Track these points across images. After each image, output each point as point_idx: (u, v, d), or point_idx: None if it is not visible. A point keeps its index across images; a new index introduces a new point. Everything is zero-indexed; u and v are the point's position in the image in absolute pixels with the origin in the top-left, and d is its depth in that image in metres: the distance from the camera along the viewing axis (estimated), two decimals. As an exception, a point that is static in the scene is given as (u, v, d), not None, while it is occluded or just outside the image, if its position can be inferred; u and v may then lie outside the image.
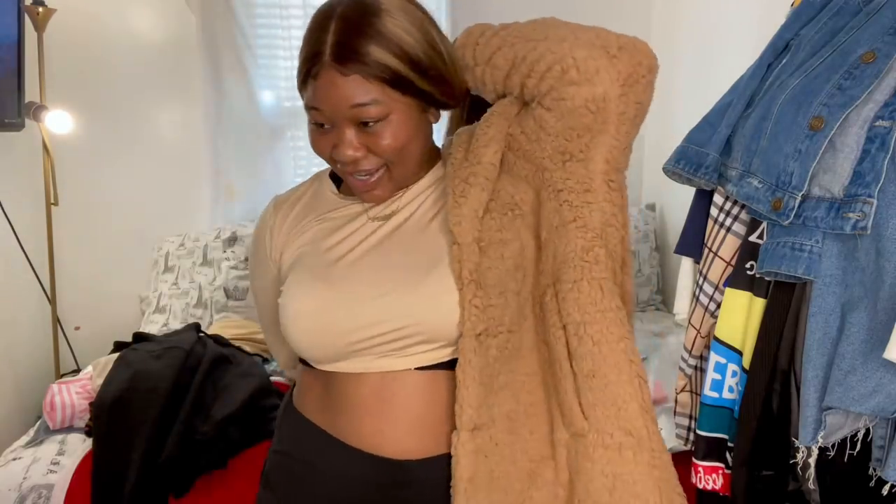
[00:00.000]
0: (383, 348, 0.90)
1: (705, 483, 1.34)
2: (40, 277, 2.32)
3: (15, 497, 1.54)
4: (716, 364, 1.29)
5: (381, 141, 0.86)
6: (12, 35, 2.06)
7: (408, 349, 0.90)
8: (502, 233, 0.90)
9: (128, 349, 1.91)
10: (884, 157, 0.99)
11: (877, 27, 1.08)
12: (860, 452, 1.10)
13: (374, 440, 0.91)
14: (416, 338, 0.90)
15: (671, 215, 2.75)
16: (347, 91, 0.83)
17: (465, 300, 0.87)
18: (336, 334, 0.90)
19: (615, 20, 3.07)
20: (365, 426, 0.91)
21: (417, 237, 0.93)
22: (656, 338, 2.37)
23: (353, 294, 0.91)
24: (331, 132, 0.87)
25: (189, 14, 2.46)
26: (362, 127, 0.85)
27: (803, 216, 1.07)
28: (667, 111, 2.73)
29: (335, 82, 0.82)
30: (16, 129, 2.13)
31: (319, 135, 0.88)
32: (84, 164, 2.46)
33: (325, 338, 0.91)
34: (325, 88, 0.83)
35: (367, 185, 0.90)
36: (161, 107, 2.57)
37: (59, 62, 2.33)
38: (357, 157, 0.87)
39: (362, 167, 0.88)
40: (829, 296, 1.07)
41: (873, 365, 1.01)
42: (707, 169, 1.26)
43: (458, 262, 0.88)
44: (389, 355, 0.91)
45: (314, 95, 0.85)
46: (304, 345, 0.93)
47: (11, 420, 2.12)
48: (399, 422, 0.91)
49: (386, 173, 0.90)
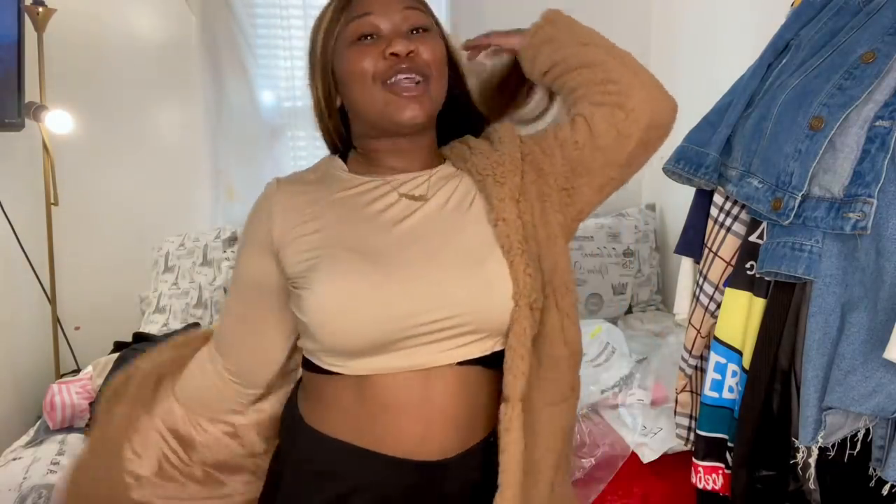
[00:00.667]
0: (433, 336, 0.88)
1: (705, 483, 1.34)
2: (40, 277, 2.32)
3: (15, 497, 1.53)
4: (716, 364, 1.29)
5: (425, 47, 0.90)
6: (12, 35, 2.05)
7: (454, 339, 0.89)
8: (534, 217, 0.94)
9: (128, 349, 1.91)
10: (884, 157, 0.99)
11: (877, 27, 1.08)
12: (860, 452, 1.10)
13: (414, 444, 0.90)
14: (465, 327, 0.89)
15: (671, 215, 2.75)
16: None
17: (518, 271, 0.89)
18: (389, 319, 0.86)
19: (616, 20, 3.07)
20: (404, 430, 0.89)
21: (461, 223, 0.94)
22: (656, 338, 2.36)
23: (409, 276, 0.88)
24: (377, 42, 0.90)
25: (189, 14, 2.45)
26: (409, 34, 0.90)
27: (803, 216, 1.07)
28: (667, 111, 2.73)
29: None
30: (16, 129, 2.12)
31: (363, 48, 0.90)
32: (84, 164, 2.45)
33: (377, 323, 0.86)
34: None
35: (412, 95, 0.90)
36: (161, 107, 2.57)
37: (59, 62, 2.33)
38: (411, 49, 0.89)
39: (413, 67, 0.89)
40: (829, 296, 1.07)
41: (873, 365, 1.01)
42: (707, 169, 1.26)
43: (508, 237, 0.90)
44: (435, 344, 0.88)
45: (364, 3, 0.90)
46: (349, 331, 0.86)
47: (11, 420, 2.12)
48: (440, 423, 0.90)
49: (426, 88, 0.91)
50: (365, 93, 0.91)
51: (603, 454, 1.68)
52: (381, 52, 0.89)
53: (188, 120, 2.56)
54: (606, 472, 1.66)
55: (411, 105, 0.90)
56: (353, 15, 0.90)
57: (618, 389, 1.93)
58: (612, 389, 1.93)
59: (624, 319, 2.60)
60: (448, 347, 0.89)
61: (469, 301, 0.89)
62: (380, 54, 0.89)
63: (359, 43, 0.90)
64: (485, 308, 0.90)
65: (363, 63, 0.89)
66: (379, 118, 0.92)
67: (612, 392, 1.92)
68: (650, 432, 1.73)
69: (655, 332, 2.44)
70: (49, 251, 2.33)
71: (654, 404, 1.85)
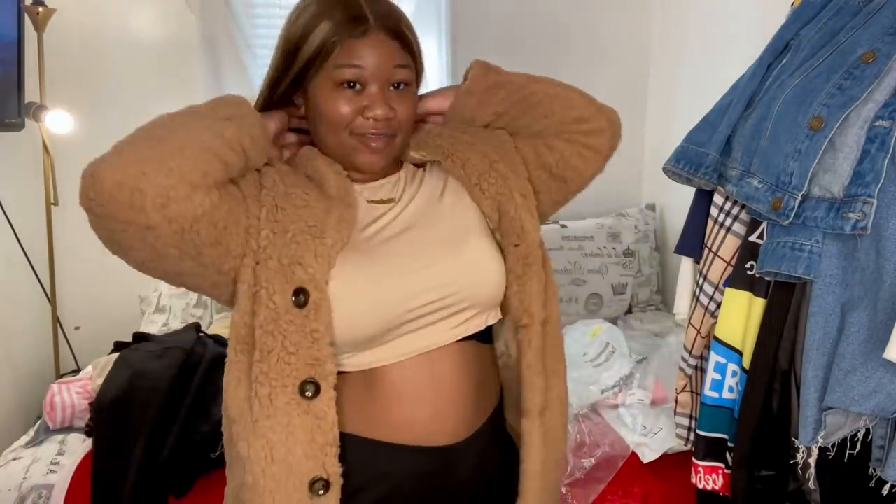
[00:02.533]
0: (431, 318, 0.92)
1: (705, 483, 1.34)
2: (40, 277, 2.32)
3: (15, 497, 1.53)
4: (716, 364, 1.29)
5: (402, 107, 0.93)
6: (12, 35, 2.05)
7: (452, 318, 0.93)
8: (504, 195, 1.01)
9: (128, 349, 1.91)
10: (884, 157, 0.99)
11: (877, 27, 1.07)
12: (860, 452, 1.10)
13: (427, 430, 0.92)
14: (461, 304, 0.93)
15: (671, 215, 2.75)
16: (394, 51, 0.91)
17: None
18: (387, 306, 0.89)
19: (616, 20, 3.06)
20: (417, 416, 0.92)
21: (438, 211, 0.98)
22: (656, 338, 2.36)
23: (399, 267, 0.91)
24: (360, 94, 0.91)
25: (189, 14, 2.45)
26: (390, 91, 0.92)
27: (803, 216, 1.07)
28: (667, 111, 2.73)
29: (384, 41, 0.90)
30: (16, 129, 2.12)
31: (346, 97, 0.90)
32: (84, 164, 2.44)
33: (375, 312, 0.88)
34: (374, 46, 0.89)
35: (378, 148, 0.93)
36: (161, 107, 2.52)
37: (59, 62, 2.33)
38: (389, 116, 0.91)
39: (387, 130, 0.92)
40: (829, 296, 1.07)
41: (873, 365, 1.01)
42: (707, 169, 1.26)
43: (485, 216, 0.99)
44: (435, 326, 0.92)
45: (357, 53, 0.89)
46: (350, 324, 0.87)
47: (11, 420, 2.12)
48: (450, 403, 0.93)
49: (392, 140, 0.94)
50: (334, 135, 0.93)
51: (603, 454, 1.68)
52: (360, 108, 0.91)
53: (188, 120, 2.55)
54: (606, 472, 1.66)
55: (374, 157, 0.93)
56: (342, 61, 0.89)
57: (618, 389, 1.93)
58: (612, 389, 1.93)
59: (624, 319, 2.60)
60: (448, 327, 0.93)
61: (461, 278, 0.93)
62: (359, 110, 0.91)
63: (342, 88, 0.91)
64: (477, 283, 0.94)
65: (341, 110, 0.91)
66: (340, 157, 0.95)
67: (612, 392, 1.92)
68: (650, 432, 1.73)
69: (655, 332, 2.44)
70: (49, 251, 2.33)
71: (654, 404, 1.85)
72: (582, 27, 2.74)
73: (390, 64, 0.91)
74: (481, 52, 2.94)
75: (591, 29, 2.75)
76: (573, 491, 1.62)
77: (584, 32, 2.74)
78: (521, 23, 2.71)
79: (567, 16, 2.72)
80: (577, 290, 2.53)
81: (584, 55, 2.76)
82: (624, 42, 2.79)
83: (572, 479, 1.63)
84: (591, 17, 2.74)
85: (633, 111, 2.86)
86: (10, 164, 2.29)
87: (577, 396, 1.88)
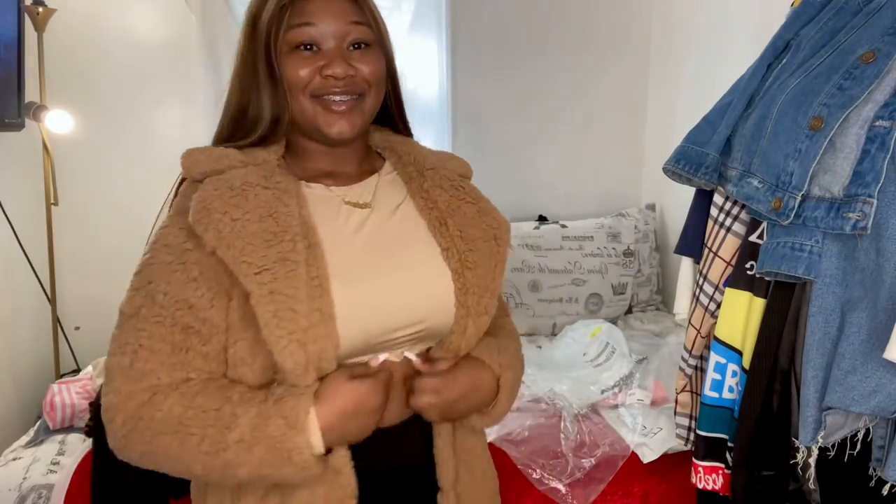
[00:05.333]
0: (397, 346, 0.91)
1: (705, 483, 1.34)
2: (40, 277, 2.32)
3: (15, 497, 1.53)
4: (716, 364, 1.29)
5: (365, 66, 0.89)
6: (12, 35, 2.05)
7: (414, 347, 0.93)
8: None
9: (128, 349, 1.91)
10: (884, 158, 0.99)
11: (877, 27, 1.07)
12: (860, 452, 1.10)
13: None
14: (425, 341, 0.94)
15: (671, 215, 2.75)
16: (347, 7, 0.88)
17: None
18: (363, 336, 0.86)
19: (616, 20, 3.06)
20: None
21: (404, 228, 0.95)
22: (656, 338, 2.37)
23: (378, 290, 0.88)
24: (317, 55, 0.88)
25: (189, 14, 2.45)
26: (349, 51, 0.89)
27: (803, 216, 1.07)
28: (667, 111, 2.73)
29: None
30: (16, 129, 2.12)
31: (302, 59, 0.87)
32: (84, 164, 2.45)
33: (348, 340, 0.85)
34: (325, 2, 0.87)
35: (342, 111, 0.89)
36: (161, 106, 2.57)
37: (59, 62, 2.33)
38: (350, 73, 0.87)
39: (349, 87, 0.88)
40: (829, 296, 1.07)
41: (873, 365, 1.01)
42: (707, 169, 1.26)
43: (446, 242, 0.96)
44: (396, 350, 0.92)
45: (308, 10, 0.86)
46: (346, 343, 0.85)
47: (11, 420, 2.12)
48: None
49: (359, 103, 0.90)
50: (296, 102, 0.89)
51: (603, 454, 1.68)
52: (317, 68, 0.87)
53: (188, 119, 2.55)
54: (606, 472, 1.66)
55: (340, 121, 0.89)
56: (294, 22, 0.87)
57: (618, 389, 1.93)
58: (612, 389, 1.93)
59: (624, 319, 2.60)
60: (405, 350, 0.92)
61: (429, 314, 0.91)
62: (316, 70, 0.87)
63: (297, 52, 0.88)
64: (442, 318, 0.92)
65: (299, 73, 0.87)
66: (308, 128, 0.92)
67: (612, 392, 1.92)
68: (650, 432, 1.73)
69: (655, 332, 2.45)
70: (49, 251, 2.33)
71: (654, 404, 1.85)
72: (582, 27, 2.74)
73: (344, 20, 0.88)
74: (481, 52, 2.95)
75: (591, 29, 2.75)
76: (573, 491, 1.62)
77: (584, 33, 2.74)
78: (521, 23, 2.71)
79: (567, 16, 2.72)
80: (577, 290, 2.53)
81: (584, 55, 2.76)
82: (624, 42, 2.79)
83: (572, 479, 1.63)
84: (591, 17, 2.74)
85: (633, 111, 2.86)
86: (10, 164, 2.28)
87: (577, 396, 1.88)
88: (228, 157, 0.88)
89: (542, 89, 2.77)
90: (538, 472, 1.65)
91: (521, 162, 2.81)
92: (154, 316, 0.82)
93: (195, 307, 0.82)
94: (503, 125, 2.78)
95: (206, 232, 0.81)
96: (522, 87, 2.75)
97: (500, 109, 2.76)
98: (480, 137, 2.76)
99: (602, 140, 2.84)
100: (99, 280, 2.56)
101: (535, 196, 2.83)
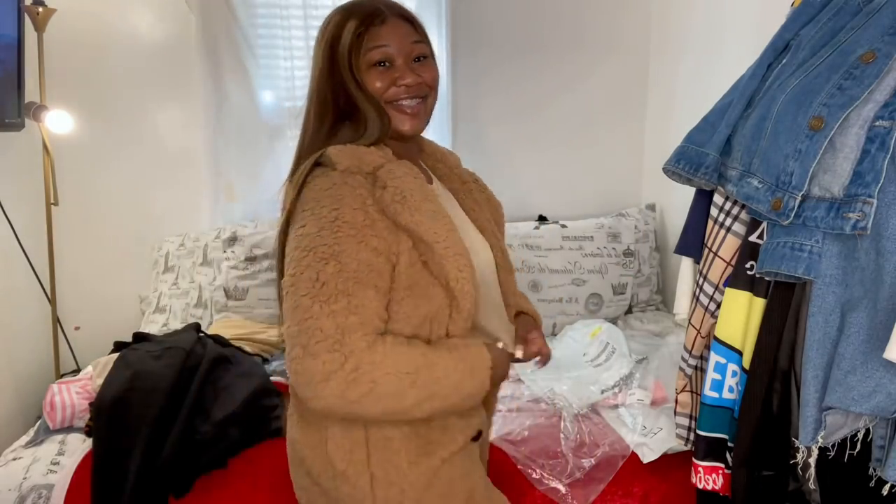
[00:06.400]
0: None
1: (705, 483, 1.34)
2: (40, 277, 2.32)
3: (15, 497, 1.53)
4: (716, 364, 1.29)
5: (427, 73, 1.14)
6: (12, 35, 2.05)
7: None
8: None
9: (128, 349, 1.91)
10: (884, 157, 0.99)
11: (877, 27, 1.07)
12: (860, 452, 1.10)
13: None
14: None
15: (671, 215, 2.75)
16: (409, 31, 1.13)
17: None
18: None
19: (615, 20, 3.05)
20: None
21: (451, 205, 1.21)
22: (656, 338, 2.36)
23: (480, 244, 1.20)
24: (389, 69, 1.11)
25: (189, 14, 2.46)
26: (414, 63, 1.13)
27: (803, 216, 1.07)
28: (667, 111, 2.73)
29: (400, 24, 1.12)
30: (16, 129, 2.12)
31: (379, 74, 1.11)
32: (84, 164, 2.45)
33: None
34: (393, 28, 1.11)
35: (414, 111, 1.12)
36: (161, 107, 2.57)
37: (59, 62, 2.33)
38: (418, 81, 1.12)
39: (418, 92, 1.12)
40: (829, 296, 1.07)
41: (873, 365, 1.01)
42: (707, 169, 1.26)
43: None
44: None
45: (381, 36, 1.10)
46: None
47: (11, 420, 2.12)
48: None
49: (424, 104, 1.14)
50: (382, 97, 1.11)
51: (603, 454, 1.68)
52: (393, 79, 1.10)
53: (188, 120, 2.56)
54: (606, 472, 1.66)
55: (414, 119, 1.13)
56: (371, 45, 1.10)
57: (618, 389, 1.93)
58: (612, 389, 1.93)
59: (624, 319, 2.60)
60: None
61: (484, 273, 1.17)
62: (392, 81, 1.10)
63: (375, 68, 1.11)
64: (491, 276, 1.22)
65: (377, 84, 1.10)
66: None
67: (612, 392, 1.92)
68: (650, 432, 1.73)
69: (655, 332, 2.44)
70: (49, 251, 2.33)
71: (654, 404, 1.85)
72: (582, 27, 2.74)
73: (408, 40, 1.12)
74: (481, 52, 2.95)
75: (591, 29, 2.75)
76: (573, 491, 1.62)
77: (583, 32, 2.75)
78: (521, 23, 2.71)
79: (567, 16, 2.72)
80: (577, 290, 2.54)
81: (584, 55, 2.76)
82: (624, 42, 2.79)
83: (572, 480, 1.63)
84: (591, 16, 2.74)
85: (633, 111, 2.86)
86: (10, 164, 2.29)
87: (577, 396, 1.88)
88: (378, 154, 1.09)
89: (541, 89, 2.77)
90: (538, 472, 1.65)
91: (521, 162, 2.82)
92: (353, 278, 0.98)
93: (380, 272, 1.01)
94: (503, 125, 2.78)
95: (402, 214, 1.02)
96: (522, 87, 2.76)
97: (500, 109, 2.76)
98: (480, 137, 2.76)
99: (602, 140, 2.84)
100: (99, 280, 2.56)
101: (535, 196, 2.83)
